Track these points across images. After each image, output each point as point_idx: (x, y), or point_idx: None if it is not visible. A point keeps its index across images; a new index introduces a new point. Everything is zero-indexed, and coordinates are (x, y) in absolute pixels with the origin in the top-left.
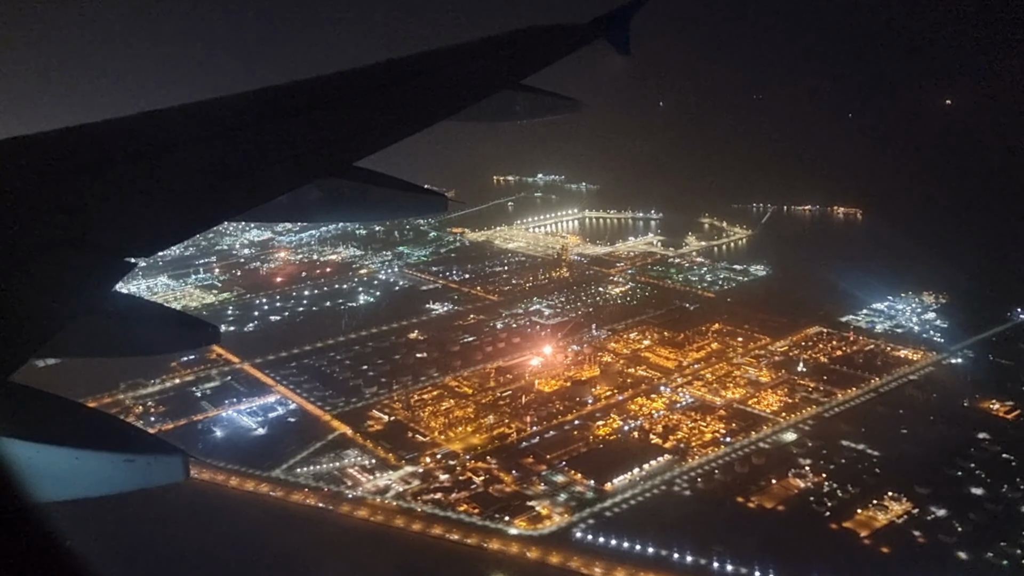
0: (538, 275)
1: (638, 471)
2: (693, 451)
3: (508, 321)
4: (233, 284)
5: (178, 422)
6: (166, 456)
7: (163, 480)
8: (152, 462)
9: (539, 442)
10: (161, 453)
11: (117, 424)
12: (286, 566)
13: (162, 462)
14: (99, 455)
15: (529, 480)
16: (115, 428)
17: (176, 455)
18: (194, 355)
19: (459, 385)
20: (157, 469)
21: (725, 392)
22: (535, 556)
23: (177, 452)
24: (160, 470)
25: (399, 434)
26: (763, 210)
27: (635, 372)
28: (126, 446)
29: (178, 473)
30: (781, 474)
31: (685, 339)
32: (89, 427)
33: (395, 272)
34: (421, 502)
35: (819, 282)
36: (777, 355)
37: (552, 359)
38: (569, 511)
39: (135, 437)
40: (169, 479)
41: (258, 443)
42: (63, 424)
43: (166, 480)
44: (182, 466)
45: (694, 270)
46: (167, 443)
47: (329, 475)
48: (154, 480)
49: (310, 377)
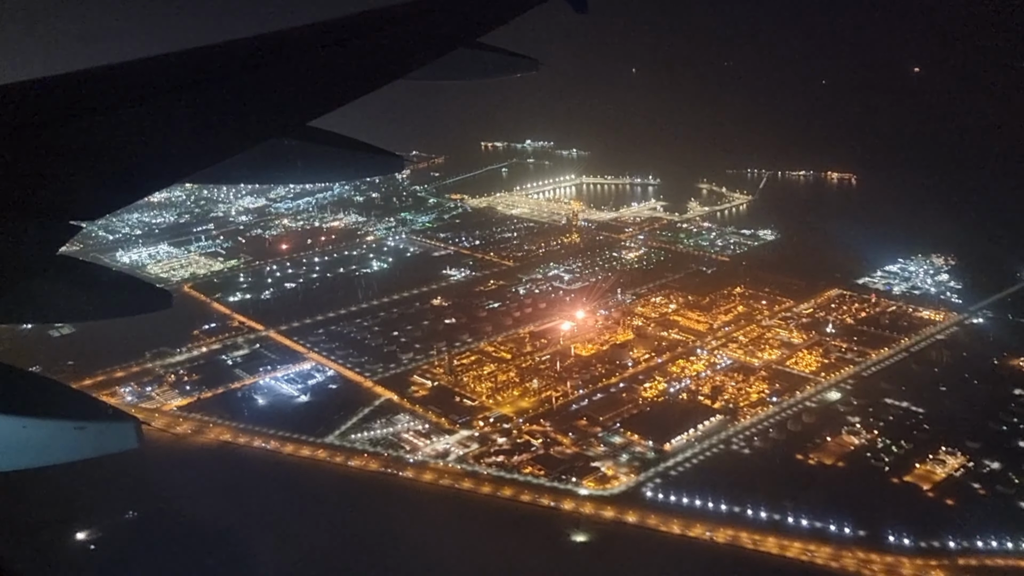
0: (549, 241)
1: (693, 431)
2: (743, 411)
3: (529, 287)
4: (238, 251)
5: (216, 390)
6: (118, 423)
7: (116, 448)
8: (104, 430)
9: (588, 405)
10: (113, 420)
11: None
12: (373, 530)
13: (114, 429)
14: (49, 423)
15: (587, 442)
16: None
17: (129, 422)
18: (215, 324)
19: (496, 350)
20: (109, 437)
21: (761, 353)
22: (611, 515)
23: (130, 419)
24: (112, 438)
25: (446, 399)
26: (758, 176)
27: (668, 335)
28: (77, 414)
29: (131, 440)
30: (834, 432)
31: (711, 302)
32: (37, 394)
33: (403, 239)
34: (484, 465)
35: (828, 246)
36: (804, 317)
37: (583, 323)
38: (634, 471)
39: (86, 404)
40: (122, 447)
41: (304, 410)
42: (10, 392)
43: (119, 448)
44: (135, 433)
45: (703, 235)
46: (119, 410)
47: (385, 440)
48: (107, 448)
49: (342, 344)
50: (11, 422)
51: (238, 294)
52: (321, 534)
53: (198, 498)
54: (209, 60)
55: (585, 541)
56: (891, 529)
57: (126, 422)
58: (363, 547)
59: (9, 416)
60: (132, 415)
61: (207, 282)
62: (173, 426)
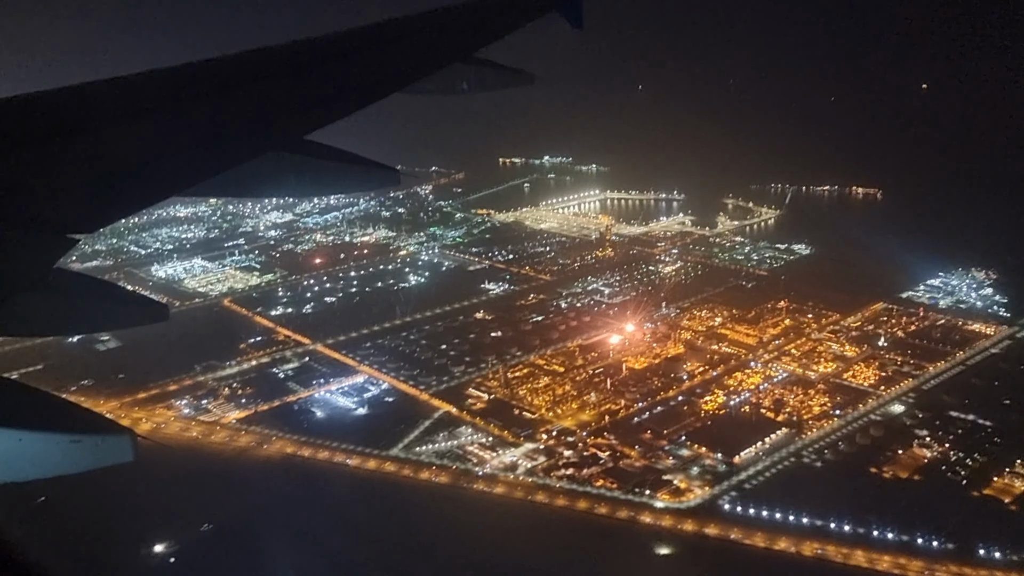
0: (583, 255)
1: (760, 444)
2: (808, 424)
3: (571, 300)
4: (273, 266)
5: (272, 403)
6: (114, 436)
7: (111, 460)
8: (99, 442)
9: (649, 418)
10: (109, 433)
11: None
12: (456, 541)
13: (110, 442)
14: (44, 436)
15: (655, 455)
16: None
17: (124, 435)
18: (261, 337)
19: (547, 363)
20: (105, 449)
21: (816, 367)
22: (691, 528)
23: (125, 432)
24: (108, 450)
25: (505, 412)
26: (782, 191)
27: (719, 349)
28: (72, 426)
29: (127, 453)
30: (904, 445)
31: (756, 316)
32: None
33: (435, 253)
34: (555, 478)
35: (865, 260)
36: (853, 330)
37: (631, 337)
38: (707, 484)
39: (81, 417)
40: (117, 459)
41: (363, 422)
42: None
43: (114, 460)
44: (131, 446)
45: (737, 249)
46: (114, 423)
47: (451, 453)
48: (102, 461)
49: (392, 357)
50: (6, 435)
51: (279, 308)
52: (400, 547)
53: (271, 511)
54: (205, 74)
55: (670, 553)
56: (980, 542)
57: (122, 435)
58: (447, 560)
59: (4, 429)
60: (127, 427)
61: (246, 296)
62: (235, 439)
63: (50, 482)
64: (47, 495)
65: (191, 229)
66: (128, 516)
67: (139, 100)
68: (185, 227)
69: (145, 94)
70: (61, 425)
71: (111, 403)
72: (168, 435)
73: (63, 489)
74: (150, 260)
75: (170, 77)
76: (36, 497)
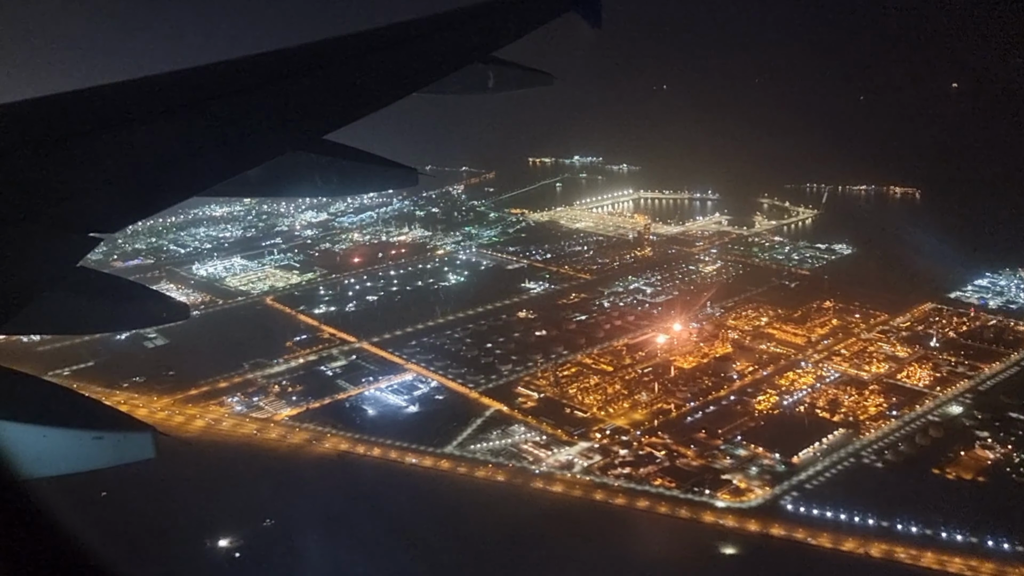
0: (621, 254)
1: (818, 445)
2: (864, 425)
3: (613, 300)
4: (312, 264)
5: (323, 400)
6: (136, 433)
7: (133, 457)
8: (122, 439)
9: (702, 417)
10: (131, 430)
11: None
12: (519, 540)
13: (132, 439)
14: (68, 433)
15: (712, 454)
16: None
17: (146, 432)
18: (306, 335)
19: (595, 362)
20: (127, 446)
21: (868, 367)
22: (755, 528)
23: (147, 429)
24: (130, 447)
25: (557, 411)
26: (818, 191)
27: (767, 348)
28: (95, 423)
29: (148, 450)
30: (966, 446)
31: (803, 316)
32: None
33: (473, 252)
34: (612, 477)
35: (908, 259)
36: (902, 331)
37: (678, 336)
38: (767, 484)
39: (104, 415)
40: (139, 456)
41: (415, 420)
42: (31, 402)
43: (136, 457)
44: (152, 443)
45: (777, 249)
46: (137, 420)
47: (506, 451)
48: (124, 457)
49: (438, 355)
50: (32, 431)
51: (322, 306)
52: (463, 544)
53: (331, 507)
54: (225, 76)
55: (736, 553)
56: None
57: (144, 432)
58: (514, 558)
59: (30, 425)
60: (149, 425)
61: (288, 295)
62: (289, 436)
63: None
64: (108, 490)
65: (228, 228)
66: (189, 511)
67: (161, 101)
68: (222, 226)
69: (166, 95)
70: (85, 422)
71: (163, 400)
72: (222, 432)
73: (123, 484)
74: (190, 259)
75: (192, 78)
76: (98, 492)
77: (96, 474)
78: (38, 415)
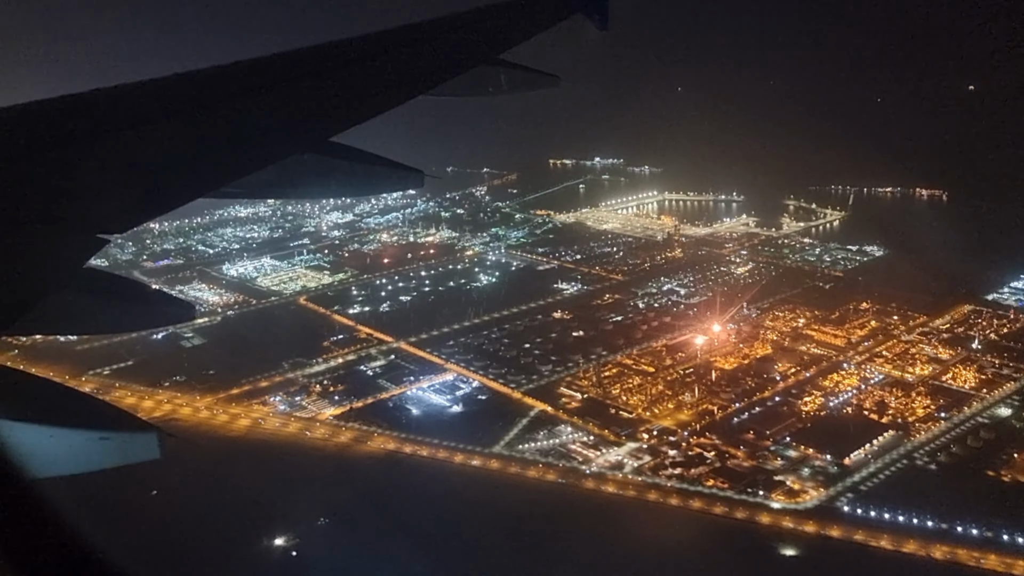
0: (652, 255)
1: (869, 446)
2: (914, 427)
3: (647, 301)
4: (342, 265)
5: (365, 400)
6: (142, 434)
7: (139, 458)
8: (128, 440)
9: (749, 418)
10: (137, 431)
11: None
12: (579, 540)
13: (138, 440)
14: (74, 433)
15: (762, 455)
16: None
17: (151, 432)
18: (343, 335)
19: (635, 363)
20: (133, 447)
21: (912, 369)
22: (813, 529)
23: (152, 429)
24: (136, 448)
25: (601, 411)
26: (843, 192)
27: (807, 349)
28: (101, 424)
29: (154, 451)
30: (1019, 448)
31: (840, 317)
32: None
33: (502, 253)
34: (664, 477)
35: (941, 261)
36: (943, 332)
37: (716, 337)
38: (821, 485)
39: (110, 415)
40: (145, 457)
41: (459, 420)
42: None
43: (142, 458)
44: (157, 444)
45: (807, 250)
46: (143, 421)
47: (554, 451)
48: (130, 458)
49: (477, 355)
50: (39, 431)
51: (356, 307)
52: (519, 541)
53: (384, 505)
54: (232, 78)
55: (796, 555)
56: None
57: (149, 432)
58: (580, 558)
59: (37, 425)
60: (155, 425)
61: (321, 295)
62: (335, 435)
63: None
64: (159, 489)
65: (254, 229)
66: (242, 510)
67: (168, 102)
68: (248, 227)
69: (173, 97)
70: (91, 422)
71: (206, 399)
72: (267, 430)
73: (173, 483)
74: (219, 259)
75: (199, 80)
76: (149, 491)
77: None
78: (45, 415)
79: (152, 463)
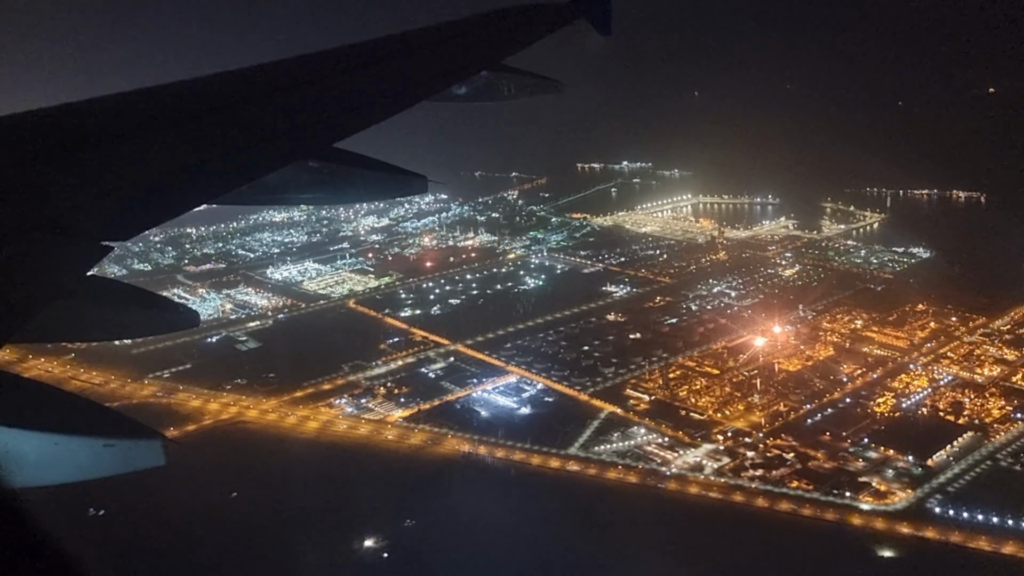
0: (696, 258)
1: (950, 447)
2: (993, 428)
3: (699, 303)
4: (386, 268)
5: (432, 402)
6: (146, 441)
7: (143, 465)
8: (132, 447)
9: (822, 419)
10: (141, 438)
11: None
12: (674, 541)
13: (142, 447)
14: (79, 440)
15: (843, 456)
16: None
17: (156, 439)
18: (398, 338)
19: (698, 365)
20: (137, 454)
21: (980, 370)
22: (908, 531)
23: (157, 436)
24: (140, 455)
25: (672, 413)
26: (879, 195)
27: (870, 351)
28: (106, 431)
29: (158, 458)
30: None
31: (899, 319)
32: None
33: (544, 256)
34: (746, 479)
35: (991, 263)
36: (1005, 333)
37: (776, 339)
38: (908, 486)
39: (114, 422)
40: (149, 463)
41: (530, 422)
42: (42, 409)
43: (146, 465)
44: (162, 451)
45: (852, 253)
46: (147, 427)
47: (631, 453)
48: (135, 465)
49: (537, 357)
50: (44, 439)
51: (407, 310)
52: (611, 544)
53: (468, 506)
54: (236, 84)
55: (894, 556)
56: None
57: (153, 439)
58: (673, 560)
59: (42, 433)
60: (159, 432)
61: (369, 298)
62: (407, 437)
63: (238, 481)
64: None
65: (291, 233)
66: (327, 512)
67: (172, 109)
68: (285, 232)
69: (177, 104)
70: (95, 429)
71: (271, 401)
72: (338, 433)
73: (251, 485)
74: (261, 263)
75: (203, 86)
76: (228, 493)
77: (225, 474)
78: (49, 422)
79: (237, 463)
